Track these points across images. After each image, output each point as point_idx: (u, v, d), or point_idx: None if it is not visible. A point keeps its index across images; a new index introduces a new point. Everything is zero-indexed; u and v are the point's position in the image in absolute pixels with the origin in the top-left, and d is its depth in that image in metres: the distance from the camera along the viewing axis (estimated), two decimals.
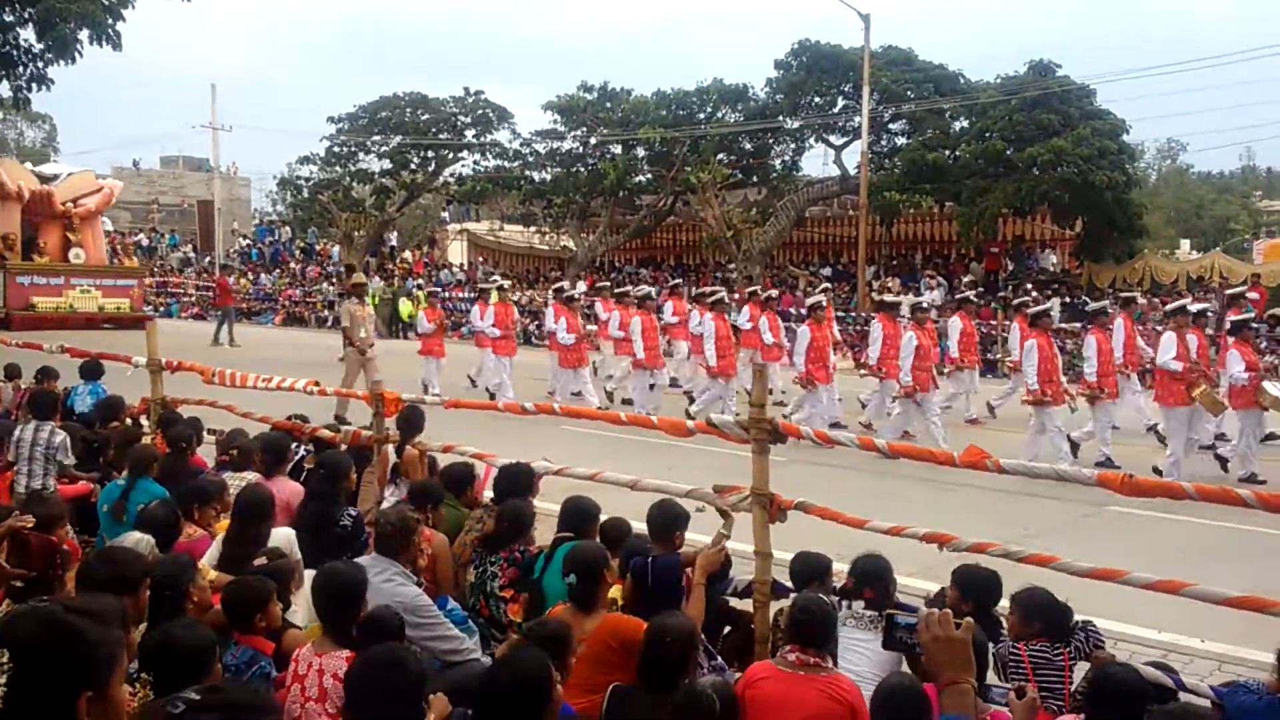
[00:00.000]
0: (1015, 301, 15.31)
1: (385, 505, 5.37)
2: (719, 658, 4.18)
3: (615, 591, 4.22)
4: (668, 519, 4.52)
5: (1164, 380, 9.87)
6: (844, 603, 4.09)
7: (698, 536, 4.81)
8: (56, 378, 8.52)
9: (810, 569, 4.37)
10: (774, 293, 17.72)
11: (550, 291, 16.43)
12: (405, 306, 28.50)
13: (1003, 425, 12.69)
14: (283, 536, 4.62)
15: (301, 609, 4.10)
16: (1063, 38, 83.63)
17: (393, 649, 3.02)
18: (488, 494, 5.42)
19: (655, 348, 13.19)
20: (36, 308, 23.53)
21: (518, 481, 5.09)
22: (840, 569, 4.64)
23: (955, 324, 13.31)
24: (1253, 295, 20.76)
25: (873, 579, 4.10)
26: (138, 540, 4.07)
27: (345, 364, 12.50)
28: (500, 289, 17.19)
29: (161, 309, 30.97)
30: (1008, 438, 10.97)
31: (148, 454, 5.70)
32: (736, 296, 19.30)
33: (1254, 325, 10.20)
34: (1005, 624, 4.07)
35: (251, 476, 5.67)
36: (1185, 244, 38.83)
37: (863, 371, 12.67)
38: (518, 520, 4.69)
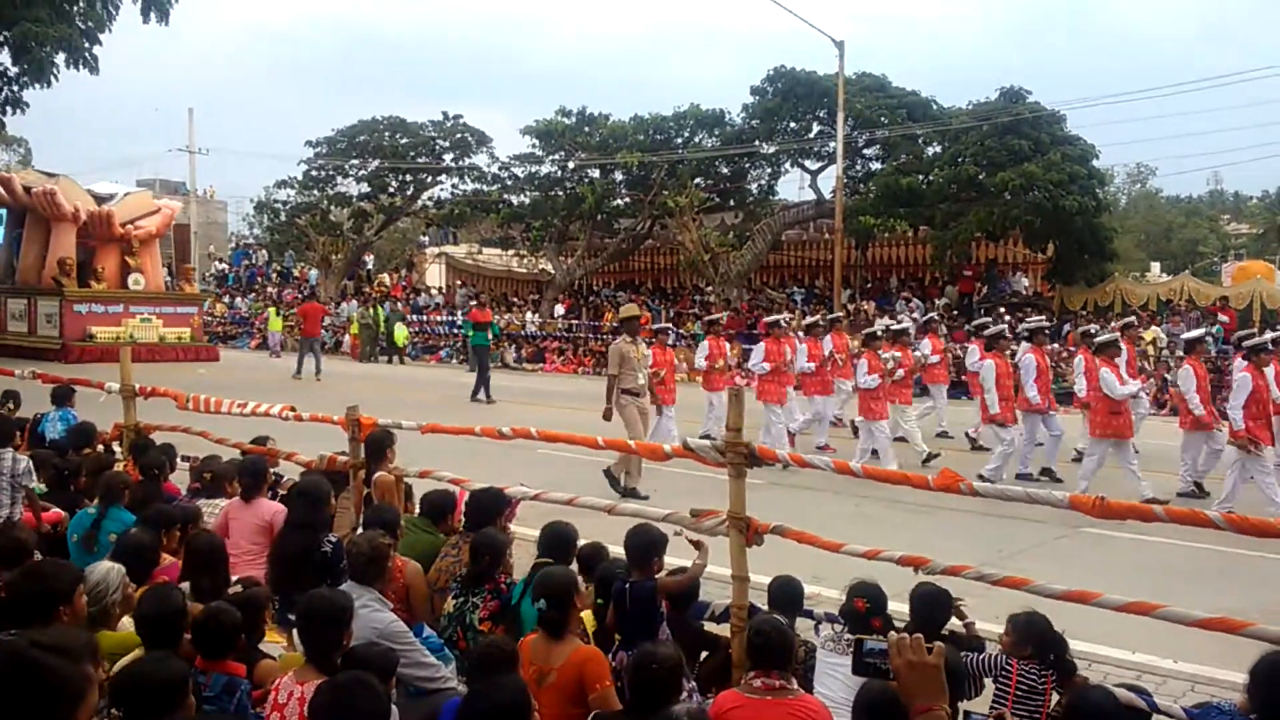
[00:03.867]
0: (974, 324, 14.55)
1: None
2: (694, 683, 4.15)
3: (586, 616, 4.19)
4: (646, 544, 4.50)
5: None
6: (819, 625, 4.08)
7: (675, 559, 4.80)
8: (18, 403, 8.41)
9: (788, 593, 4.38)
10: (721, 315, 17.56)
11: (804, 326, 13.64)
12: (401, 332, 28.31)
13: None
14: None
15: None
16: (1033, 64, 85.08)
17: (361, 675, 2.91)
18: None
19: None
20: (96, 338, 21.69)
21: (487, 507, 5.05)
22: (817, 591, 4.63)
23: (1187, 374, 9.84)
24: (1223, 318, 21.10)
25: (883, 608, 4.02)
26: (108, 570, 3.99)
27: (624, 416, 9.70)
28: (829, 322, 14.14)
29: None
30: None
31: (119, 481, 5.60)
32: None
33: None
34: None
35: (224, 503, 5.62)
36: (1155, 267, 39.39)
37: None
38: (492, 550, 4.64)
